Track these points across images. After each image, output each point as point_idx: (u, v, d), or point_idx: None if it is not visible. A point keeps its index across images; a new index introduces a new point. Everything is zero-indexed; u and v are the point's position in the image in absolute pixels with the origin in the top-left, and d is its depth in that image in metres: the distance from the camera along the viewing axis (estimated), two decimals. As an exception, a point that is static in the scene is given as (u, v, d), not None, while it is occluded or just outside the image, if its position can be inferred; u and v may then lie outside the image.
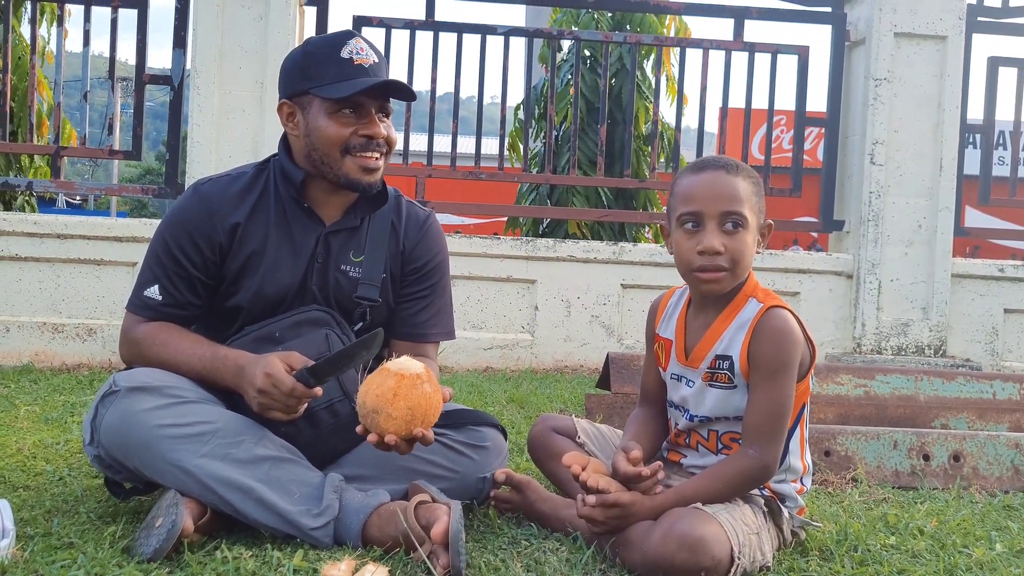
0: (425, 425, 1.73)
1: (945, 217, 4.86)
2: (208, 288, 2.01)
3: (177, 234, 1.99)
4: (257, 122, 4.56)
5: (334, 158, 1.97)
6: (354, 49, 1.95)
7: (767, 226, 1.88)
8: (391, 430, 1.70)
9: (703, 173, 1.84)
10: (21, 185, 5.31)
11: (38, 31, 4.86)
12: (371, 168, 1.98)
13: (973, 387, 3.25)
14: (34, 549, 1.66)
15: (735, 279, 1.84)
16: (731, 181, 1.82)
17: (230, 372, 1.84)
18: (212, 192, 2.01)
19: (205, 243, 1.98)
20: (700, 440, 1.92)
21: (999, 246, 13.15)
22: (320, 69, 1.95)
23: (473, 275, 4.67)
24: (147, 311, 1.98)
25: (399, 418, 1.70)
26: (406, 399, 1.70)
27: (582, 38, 5.49)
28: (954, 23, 4.83)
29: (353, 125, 1.95)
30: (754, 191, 1.84)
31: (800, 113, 5.15)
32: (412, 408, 1.71)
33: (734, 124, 5.31)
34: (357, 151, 1.96)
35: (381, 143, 1.99)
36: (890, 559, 1.86)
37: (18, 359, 4.29)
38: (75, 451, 2.54)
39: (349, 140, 1.95)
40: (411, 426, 1.71)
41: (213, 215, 1.99)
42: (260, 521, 1.74)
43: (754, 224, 1.83)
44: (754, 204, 1.83)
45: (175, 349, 1.92)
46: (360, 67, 1.95)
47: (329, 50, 1.95)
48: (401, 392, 1.70)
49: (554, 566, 1.71)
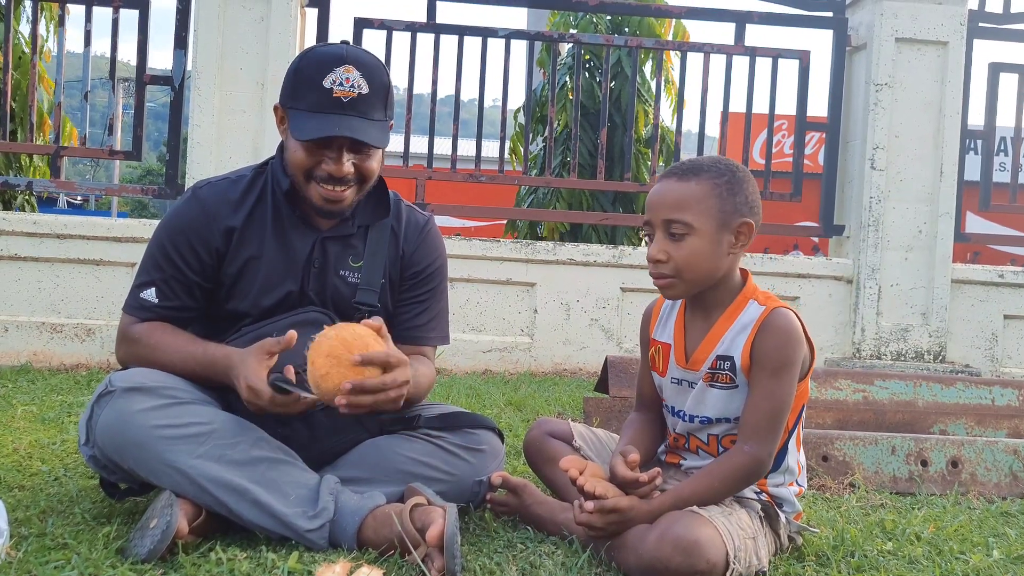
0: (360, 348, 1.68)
1: (945, 222, 4.86)
2: (205, 292, 2.00)
3: (175, 238, 1.98)
4: (257, 123, 4.56)
5: (300, 180, 1.96)
6: (339, 79, 1.89)
7: (742, 225, 1.82)
8: (331, 388, 1.66)
9: (659, 183, 1.87)
10: (21, 184, 5.31)
11: (39, 31, 4.86)
12: (334, 200, 1.95)
13: (972, 393, 3.25)
14: (28, 549, 1.65)
15: (689, 284, 1.83)
16: (677, 188, 1.81)
17: (224, 372, 1.84)
18: (210, 196, 2.01)
19: (202, 248, 1.98)
20: (700, 444, 1.92)
21: (999, 252, 13.14)
22: (302, 91, 1.92)
23: (472, 278, 4.67)
24: (143, 312, 1.98)
25: (328, 372, 1.66)
26: (320, 354, 1.67)
27: (584, 41, 5.50)
28: (955, 29, 4.84)
29: (319, 156, 1.92)
30: (712, 193, 1.79)
31: (801, 118, 5.15)
32: (331, 356, 1.67)
33: (735, 129, 5.31)
34: (319, 181, 1.94)
35: (347, 179, 1.95)
36: (887, 565, 1.85)
37: (16, 359, 4.29)
38: (71, 451, 2.53)
39: (312, 169, 1.93)
40: (342, 370, 1.67)
41: (211, 220, 1.98)
42: (255, 523, 1.74)
43: (708, 228, 1.79)
44: (709, 207, 1.79)
45: (170, 348, 1.91)
46: (337, 101, 1.89)
47: (315, 73, 1.90)
48: (314, 354, 1.68)
49: (550, 570, 1.71)
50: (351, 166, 1.94)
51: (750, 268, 1.97)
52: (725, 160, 1.87)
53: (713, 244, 1.80)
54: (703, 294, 1.88)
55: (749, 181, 1.85)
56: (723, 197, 1.80)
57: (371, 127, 1.93)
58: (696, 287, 1.85)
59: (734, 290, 1.88)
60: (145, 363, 1.91)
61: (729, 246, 1.82)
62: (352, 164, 1.94)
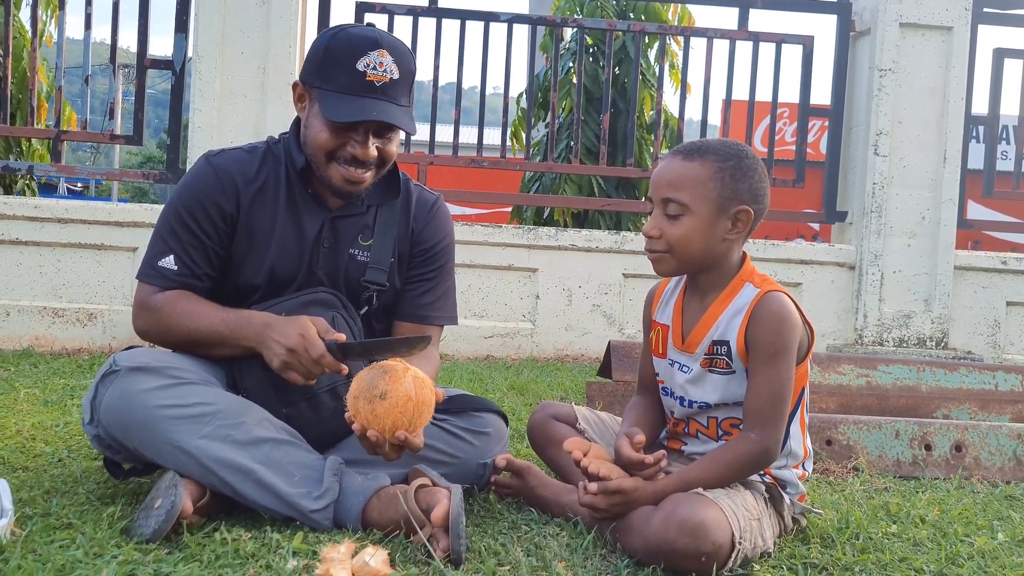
0: (411, 428, 1.72)
1: (948, 209, 4.84)
2: (221, 260, 1.99)
3: (189, 204, 1.98)
4: (259, 107, 4.54)
5: (320, 160, 1.96)
6: (373, 63, 1.89)
7: (741, 211, 1.80)
8: (374, 426, 1.70)
9: (665, 160, 1.87)
10: (22, 169, 5.30)
11: (39, 14, 4.84)
12: (354, 181, 1.96)
13: (975, 378, 3.24)
14: (33, 529, 1.65)
15: (680, 263, 1.83)
16: (679, 167, 1.81)
17: (255, 330, 1.84)
18: (223, 164, 2.00)
19: (216, 213, 1.97)
20: (700, 428, 1.91)
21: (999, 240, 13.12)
22: (333, 72, 1.91)
23: (475, 263, 4.67)
24: (163, 280, 1.96)
25: (404, 414, 1.69)
26: (416, 403, 1.70)
27: (586, 26, 5.46)
28: (960, 14, 4.81)
29: (345, 138, 1.92)
30: (713, 176, 1.78)
31: (804, 103, 5.13)
32: (418, 409, 1.71)
33: (737, 115, 5.29)
34: (342, 162, 1.94)
35: (370, 163, 1.96)
36: (891, 547, 1.85)
37: (18, 343, 4.28)
38: (74, 433, 2.53)
39: (336, 151, 1.94)
40: (411, 426, 1.71)
41: (224, 185, 1.98)
42: (260, 503, 1.73)
43: (703, 211, 1.78)
44: (708, 189, 1.78)
45: (197, 313, 1.91)
46: (371, 84, 1.89)
47: (349, 56, 1.90)
48: (391, 391, 1.69)
49: (554, 551, 1.71)
50: (375, 149, 1.94)
51: (752, 254, 1.95)
52: (736, 145, 1.85)
53: (708, 226, 1.79)
54: (699, 276, 1.88)
55: (756, 169, 1.82)
56: (724, 182, 1.79)
57: (401, 112, 1.94)
58: (688, 267, 1.85)
59: (730, 273, 1.87)
60: (167, 331, 1.91)
61: (725, 231, 1.81)
62: (375, 148, 1.94)
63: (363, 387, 1.72)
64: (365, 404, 1.70)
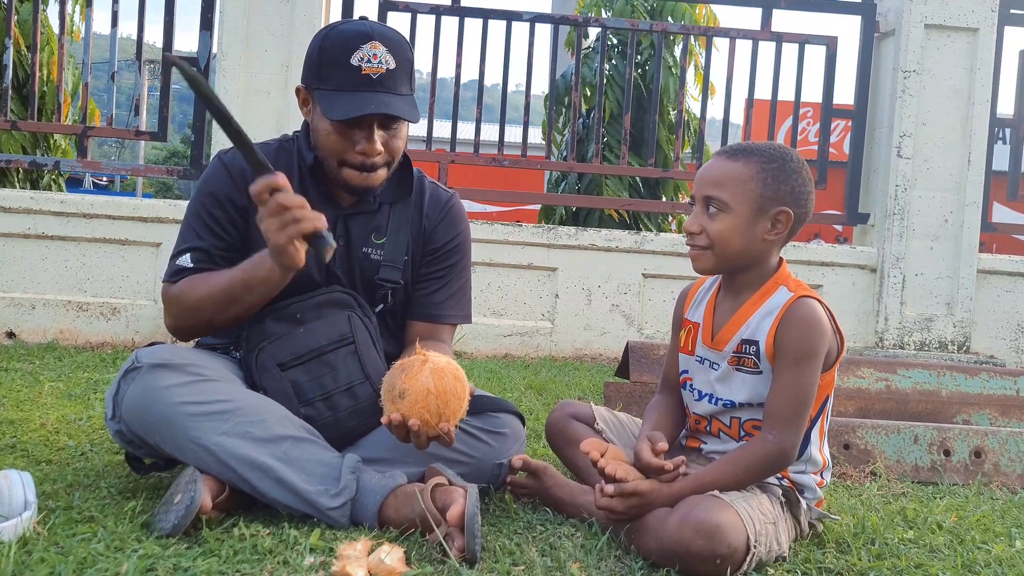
0: (442, 419, 1.73)
1: (972, 212, 4.80)
2: (240, 254, 1.99)
3: (205, 201, 2.00)
4: (282, 105, 4.57)
5: (331, 165, 1.97)
6: (367, 55, 1.89)
7: (780, 212, 1.82)
8: (416, 416, 1.72)
9: (711, 159, 1.89)
10: (49, 164, 5.35)
11: (66, 10, 4.89)
12: (367, 184, 1.97)
13: (996, 383, 3.22)
14: (55, 522, 1.68)
15: (719, 260, 1.85)
16: (722, 166, 1.83)
17: (261, 254, 1.83)
18: (234, 160, 2.01)
19: (231, 206, 1.99)
20: (722, 427, 1.91)
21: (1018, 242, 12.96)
22: (329, 71, 1.92)
23: (494, 262, 4.67)
24: (180, 275, 1.97)
25: (427, 409, 1.72)
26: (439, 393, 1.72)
27: (608, 26, 5.45)
28: (986, 15, 4.77)
29: (352, 138, 1.93)
30: (755, 176, 1.80)
31: (827, 104, 5.10)
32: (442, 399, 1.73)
33: (760, 115, 5.26)
34: (354, 167, 1.95)
35: (378, 164, 1.96)
36: (908, 553, 1.85)
37: (43, 336, 4.34)
38: (97, 427, 2.57)
39: (346, 155, 1.94)
40: (439, 418, 1.72)
41: (235, 178, 1.99)
42: (278, 500, 1.75)
43: (743, 209, 1.80)
44: (749, 189, 1.80)
45: (213, 278, 1.91)
46: (367, 78, 1.89)
47: (341, 53, 1.90)
48: (409, 388, 1.72)
49: (569, 551, 1.71)
50: (381, 144, 1.94)
51: (775, 255, 1.96)
52: (782, 148, 1.86)
53: (747, 226, 1.81)
54: (735, 276, 1.89)
55: (800, 173, 1.84)
56: (766, 182, 1.80)
57: (401, 102, 1.93)
58: (726, 265, 1.86)
59: (766, 274, 1.88)
60: (194, 310, 1.91)
61: (765, 232, 1.82)
62: (381, 142, 1.94)
63: (386, 389, 1.76)
64: (390, 405, 1.74)
